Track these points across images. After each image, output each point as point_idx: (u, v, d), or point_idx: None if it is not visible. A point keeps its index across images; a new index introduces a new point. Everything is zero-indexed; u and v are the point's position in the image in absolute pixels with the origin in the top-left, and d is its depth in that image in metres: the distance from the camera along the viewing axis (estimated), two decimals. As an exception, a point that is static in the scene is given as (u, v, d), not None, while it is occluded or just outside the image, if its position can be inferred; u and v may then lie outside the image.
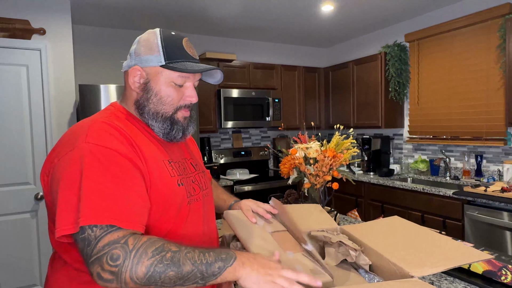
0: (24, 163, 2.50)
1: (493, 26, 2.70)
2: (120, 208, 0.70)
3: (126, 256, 0.66)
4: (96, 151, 0.73)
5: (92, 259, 0.66)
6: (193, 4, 2.88)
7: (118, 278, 0.65)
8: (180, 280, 0.67)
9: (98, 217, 0.67)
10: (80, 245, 0.68)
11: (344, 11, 3.16)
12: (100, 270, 0.65)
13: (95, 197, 0.69)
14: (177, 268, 0.67)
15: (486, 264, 1.03)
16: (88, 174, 0.71)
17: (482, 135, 2.82)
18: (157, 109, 0.86)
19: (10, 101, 2.45)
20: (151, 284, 0.66)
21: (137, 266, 0.66)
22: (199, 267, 0.68)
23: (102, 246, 0.66)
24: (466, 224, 2.43)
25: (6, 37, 2.44)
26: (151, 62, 0.85)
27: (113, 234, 0.67)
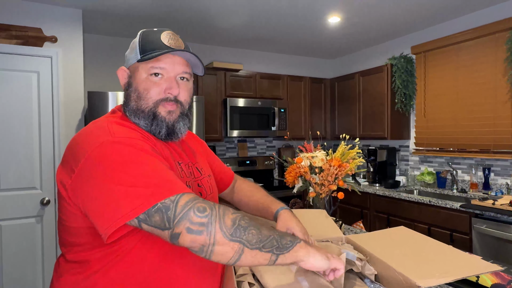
0: (31, 168, 2.52)
1: (500, 39, 2.71)
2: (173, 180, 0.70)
3: (212, 208, 0.67)
4: (129, 142, 0.74)
5: (178, 218, 0.65)
6: (202, 15, 2.93)
7: (208, 228, 0.65)
8: (260, 243, 0.66)
9: (165, 191, 0.67)
10: (155, 219, 0.66)
11: (350, 23, 3.19)
12: (189, 224, 0.65)
13: (149, 177, 0.68)
14: (257, 229, 0.67)
15: (495, 277, 1.01)
16: (132, 159, 0.70)
17: (489, 148, 2.79)
18: (137, 105, 0.84)
19: (20, 106, 2.50)
20: (236, 238, 0.65)
21: (224, 217, 0.66)
22: (274, 235, 0.69)
23: (185, 204, 0.66)
24: (474, 238, 2.39)
25: (19, 44, 2.50)
26: (131, 60, 0.87)
27: (187, 196, 0.68)
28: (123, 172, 0.68)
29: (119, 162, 0.70)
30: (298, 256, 0.70)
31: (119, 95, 2.71)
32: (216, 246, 0.65)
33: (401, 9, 2.86)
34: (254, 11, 2.88)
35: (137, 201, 0.66)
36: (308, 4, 2.74)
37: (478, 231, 2.36)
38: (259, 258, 0.67)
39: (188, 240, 0.65)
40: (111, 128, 0.76)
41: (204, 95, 3.43)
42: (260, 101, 3.68)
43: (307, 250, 0.71)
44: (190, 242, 0.65)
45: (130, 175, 0.68)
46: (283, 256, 0.68)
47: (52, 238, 2.58)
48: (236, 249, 0.65)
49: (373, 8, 2.84)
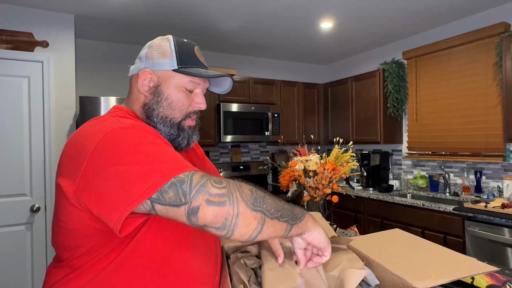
0: (21, 174, 2.48)
1: (490, 44, 2.75)
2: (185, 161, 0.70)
3: (228, 181, 0.65)
4: (135, 126, 0.74)
5: (194, 190, 0.62)
6: (196, 20, 2.94)
7: (230, 198, 0.62)
8: (278, 212, 0.66)
9: (179, 168, 0.65)
10: (169, 194, 0.63)
11: (343, 28, 3.22)
12: (208, 196, 0.62)
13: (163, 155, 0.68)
14: (272, 198, 0.67)
15: (489, 278, 1.01)
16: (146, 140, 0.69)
17: (481, 151, 2.82)
18: (166, 114, 0.85)
19: (10, 112, 2.46)
20: (257, 208, 0.64)
21: (241, 188, 0.65)
22: (286, 206, 0.69)
23: (200, 177, 0.64)
24: (467, 240, 2.40)
25: (9, 49, 2.47)
26: (163, 66, 0.84)
27: (201, 172, 0.66)
28: (136, 152, 0.66)
29: (131, 143, 0.68)
30: (308, 227, 0.72)
31: (111, 100, 2.69)
32: (240, 217, 0.62)
33: (393, 15, 2.90)
34: (248, 17, 2.89)
35: (151, 178, 0.63)
36: (300, 9, 2.76)
37: (471, 233, 2.37)
38: (278, 229, 0.67)
39: (210, 213, 0.61)
40: (119, 119, 0.76)
41: (198, 100, 3.42)
42: (253, 106, 3.68)
43: (315, 221, 0.73)
44: (213, 215, 0.61)
45: (144, 154, 0.66)
46: (296, 226, 0.70)
47: (42, 246, 2.53)
48: (258, 219, 0.64)
49: (365, 14, 2.87)
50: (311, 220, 0.73)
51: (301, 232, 0.71)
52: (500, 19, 2.73)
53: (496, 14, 2.78)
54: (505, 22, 2.68)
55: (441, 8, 2.79)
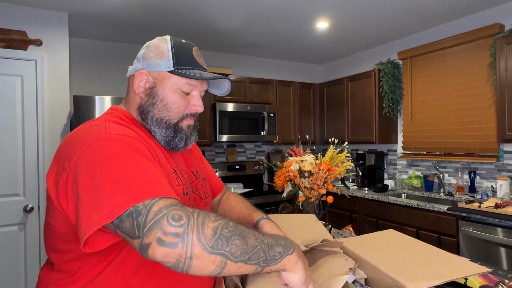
0: (14, 174, 2.45)
1: (484, 45, 2.77)
2: (157, 183, 0.65)
3: (189, 216, 0.59)
4: (122, 139, 0.71)
5: (148, 226, 0.58)
6: (190, 19, 2.92)
7: (184, 240, 0.57)
8: (246, 255, 0.60)
9: (140, 195, 0.61)
10: (125, 224, 0.60)
11: (339, 28, 3.23)
12: (161, 234, 0.57)
13: (135, 176, 0.64)
14: (242, 238, 0.61)
15: (482, 279, 1.02)
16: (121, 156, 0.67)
17: (475, 152, 2.84)
18: (161, 116, 0.84)
19: (3, 111, 2.43)
20: (218, 251, 0.58)
21: (203, 226, 0.59)
22: (261, 245, 0.63)
23: (159, 210, 0.59)
24: (461, 240, 2.42)
25: (2, 47, 2.44)
26: (159, 67, 0.83)
27: (164, 201, 0.61)
28: (110, 168, 0.65)
29: (107, 158, 0.66)
30: (286, 267, 0.66)
31: (105, 99, 2.67)
32: (194, 260, 0.57)
33: (388, 15, 2.91)
34: (244, 16, 2.88)
35: (116, 200, 0.61)
36: (297, 9, 2.76)
37: (465, 233, 2.39)
38: (244, 270, 0.62)
39: (160, 254, 0.57)
40: (107, 126, 0.74)
41: (193, 100, 3.41)
42: (249, 106, 3.68)
43: (297, 261, 0.67)
44: (162, 256, 0.57)
45: (116, 172, 0.64)
46: (269, 268, 0.65)
47: (35, 247, 2.51)
48: (217, 263, 0.59)
49: (361, 14, 2.88)
50: (292, 261, 0.66)
51: (278, 270, 0.66)
52: (495, 20, 2.75)
53: (490, 15, 2.80)
54: (499, 23, 2.70)
55: (436, 9, 2.80)
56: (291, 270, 0.67)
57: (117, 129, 0.74)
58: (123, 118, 0.84)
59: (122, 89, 3.35)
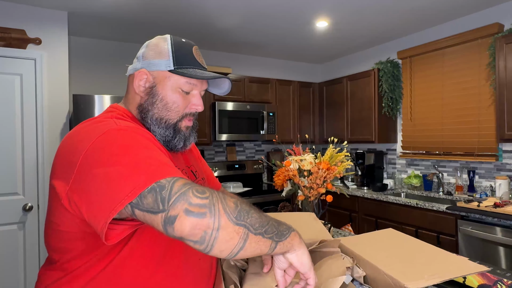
0: (14, 173, 2.45)
1: (483, 45, 2.78)
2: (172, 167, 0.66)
3: (212, 191, 0.61)
4: (128, 129, 0.72)
5: (174, 198, 0.58)
6: (191, 18, 2.92)
7: (211, 210, 0.58)
8: (262, 228, 0.62)
9: (160, 173, 0.62)
10: (147, 200, 0.59)
11: (338, 28, 3.23)
12: (188, 205, 0.58)
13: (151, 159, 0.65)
14: (257, 212, 0.63)
15: (481, 278, 1.02)
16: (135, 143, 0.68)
17: (474, 151, 2.84)
18: (161, 115, 0.84)
19: (2, 110, 2.43)
20: (240, 222, 0.59)
21: (225, 200, 0.61)
22: (271, 221, 0.64)
23: (182, 185, 0.60)
24: (460, 240, 2.42)
25: (1, 46, 2.44)
26: (159, 66, 0.83)
27: (183, 180, 0.62)
28: (125, 154, 0.65)
29: (121, 145, 0.67)
30: (293, 245, 0.67)
31: (105, 98, 2.67)
32: (221, 231, 0.58)
33: (388, 15, 2.91)
34: (244, 15, 2.88)
35: (135, 180, 0.61)
36: (296, 9, 2.76)
37: (464, 232, 2.39)
38: (262, 245, 0.62)
39: (188, 225, 0.57)
40: (113, 121, 0.75)
41: (193, 99, 3.41)
42: (249, 105, 3.68)
43: (301, 241, 0.69)
44: (191, 227, 0.57)
45: (132, 156, 0.65)
46: (281, 244, 0.65)
47: (34, 246, 2.51)
48: (241, 234, 0.59)
49: (360, 13, 2.88)
50: (297, 239, 0.68)
51: (286, 250, 0.67)
52: (494, 20, 2.75)
53: (490, 15, 2.80)
54: (498, 23, 2.70)
55: (436, 8, 2.80)
56: (299, 248, 0.67)
57: (125, 123, 0.75)
58: (125, 116, 0.84)
59: (121, 88, 3.35)
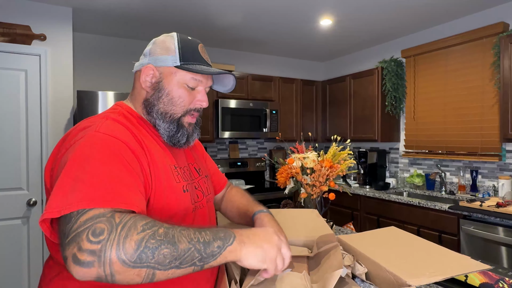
0: (18, 168, 2.47)
1: (488, 44, 2.76)
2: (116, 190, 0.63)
3: (112, 230, 0.56)
4: (106, 139, 0.71)
5: (70, 237, 0.55)
6: (194, 15, 2.92)
7: (101, 258, 0.53)
8: (176, 261, 0.58)
9: (88, 199, 0.59)
10: (59, 228, 0.59)
11: (342, 26, 3.22)
12: (76, 251, 0.54)
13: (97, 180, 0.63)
14: (172, 245, 0.58)
15: (483, 277, 1.03)
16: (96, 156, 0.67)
17: (477, 151, 2.84)
18: (166, 109, 0.85)
19: (7, 105, 2.44)
20: (142, 264, 0.55)
21: (125, 240, 0.55)
22: (196, 245, 0.60)
23: (84, 221, 0.56)
24: (462, 239, 2.42)
25: (6, 41, 2.45)
26: (166, 62, 0.85)
27: (100, 210, 0.58)
28: (80, 166, 0.65)
29: (84, 156, 0.67)
30: (235, 256, 0.64)
31: (108, 94, 2.68)
32: (117, 275, 0.55)
33: (392, 13, 2.90)
34: (247, 13, 2.88)
35: (69, 198, 0.60)
36: (300, 6, 2.75)
37: (466, 232, 2.39)
38: (179, 274, 0.59)
39: (77, 273, 0.54)
40: (100, 123, 0.76)
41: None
42: (251, 103, 3.68)
43: (239, 252, 0.64)
44: (80, 275, 0.54)
45: (84, 171, 0.64)
46: (209, 265, 0.62)
47: (38, 240, 2.53)
48: (143, 275, 0.56)
49: (365, 12, 2.87)
50: (234, 250, 0.63)
51: (224, 262, 0.64)
52: (499, 19, 2.74)
53: (494, 14, 2.79)
54: (503, 22, 2.68)
55: (440, 7, 2.79)
56: (239, 259, 0.64)
57: (107, 128, 0.74)
58: (125, 115, 0.84)
59: (125, 84, 3.36)
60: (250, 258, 0.65)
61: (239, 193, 1.12)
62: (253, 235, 0.68)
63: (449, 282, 1.06)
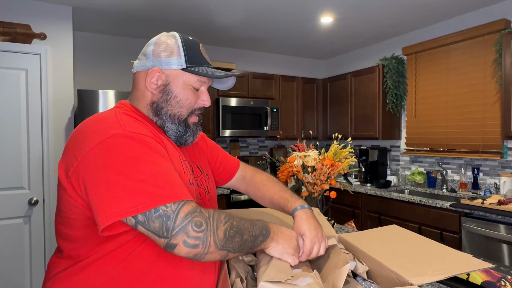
0: (19, 167, 2.47)
1: (489, 41, 2.75)
2: (177, 185, 0.73)
3: (208, 222, 0.72)
4: (141, 138, 0.75)
5: (176, 230, 0.69)
6: (195, 13, 2.91)
7: (204, 242, 0.70)
8: (241, 247, 0.75)
9: (169, 196, 0.70)
10: (155, 224, 0.69)
11: (343, 24, 3.21)
12: (186, 238, 0.69)
13: (157, 178, 0.71)
14: (240, 235, 0.75)
15: (485, 275, 1.02)
16: (143, 157, 0.72)
17: (478, 148, 2.83)
18: (174, 112, 0.87)
19: (8, 105, 2.44)
20: (225, 247, 0.73)
21: (217, 230, 0.72)
22: (250, 237, 0.78)
23: (184, 216, 0.70)
24: (463, 237, 2.42)
25: (6, 41, 2.44)
26: (171, 64, 0.85)
27: (187, 206, 0.71)
28: (133, 168, 0.70)
29: (130, 157, 0.71)
30: (266, 246, 0.81)
31: (109, 93, 2.68)
32: (208, 255, 0.72)
33: (393, 10, 2.89)
34: (248, 11, 2.87)
35: (141, 198, 0.69)
36: (301, 4, 2.74)
37: (467, 230, 2.39)
38: (237, 255, 0.78)
39: (184, 251, 0.70)
40: (121, 120, 0.77)
41: (196, 95, 3.41)
42: (252, 101, 3.68)
43: (272, 239, 0.82)
44: (186, 253, 0.70)
45: (140, 172, 0.70)
46: (251, 251, 0.81)
47: (40, 239, 2.53)
48: (223, 255, 0.74)
49: (365, 9, 2.86)
50: (268, 243, 0.81)
51: (262, 249, 0.83)
52: (500, 16, 2.72)
53: (496, 11, 2.77)
54: (505, 19, 2.67)
55: (441, 4, 2.78)
56: (270, 247, 0.82)
57: (131, 126, 0.77)
58: (132, 115, 0.85)
59: (125, 83, 3.36)
60: (272, 252, 0.83)
61: (267, 179, 1.11)
62: (280, 233, 0.85)
63: (451, 280, 1.06)
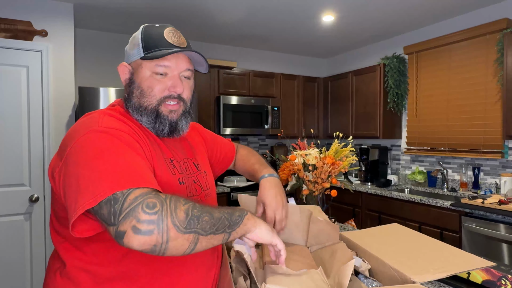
0: (20, 164, 2.47)
1: (491, 40, 2.74)
2: (140, 173, 0.68)
3: (163, 203, 0.62)
4: (112, 132, 0.73)
5: (123, 214, 0.60)
6: (196, 11, 2.91)
7: (159, 226, 0.60)
8: (214, 227, 0.66)
9: (121, 183, 0.64)
10: (103, 211, 0.62)
11: (344, 22, 3.20)
12: (135, 223, 0.60)
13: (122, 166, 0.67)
14: (209, 214, 0.66)
15: (485, 274, 1.02)
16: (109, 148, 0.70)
17: (479, 148, 2.83)
18: (140, 102, 0.85)
19: (9, 101, 2.44)
20: (191, 230, 0.63)
21: (176, 210, 0.62)
22: (224, 214, 0.68)
23: (134, 198, 0.62)
24: (463, 236, 2.42)
25: (7, 37, 2.44)
26: (133, 56, 0.86)
27: (143, 189, 0.64)
28: (100, 158, 0.67)
29: (96, 149, 0.69)
30: (247, 229, 0.72)
31: (110, 91, 2.67)
32: (170, 242, 0.61)
33: (394, 9, 2.88)
34: (249, 9, 2.87)
35: (98, 187, 0.63)
36: (302, 2, 2.73)
37: (467, 229, 2.39)
38: (214, 241, 0.67)
39: (136, 242, 0.60)
40: (100, 119, 0.77)
41: (197, 92, 3.41)
42: (253, 99, 3.67)
43: (254, 221, 0.73)
44: (138, 244, 0.60)
45: (105, 161, 0.67)
46: (234, 232, 0.70)
47: (41, 236, 2.54)
48: (191, 240, 0.63)
49: (367, 8, 2.85)
50: (250, 221, 0.72)
51: (244, 233, 0.72)
52: (502, 15, 2.72)
53: (498, 10, 2.77)
54: (507, 18, 2.66)
55: (443, 3, 2.77)
56: (254, 227, 0.73)
57: (108, 122, 0.76)
58: (121, 112, 0.86)
59: (126, 81, 3.35)
60: (262, 228, 0.74)
61: (246, 152, 1.21)
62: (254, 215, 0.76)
63: (451, 279, 1.06)
